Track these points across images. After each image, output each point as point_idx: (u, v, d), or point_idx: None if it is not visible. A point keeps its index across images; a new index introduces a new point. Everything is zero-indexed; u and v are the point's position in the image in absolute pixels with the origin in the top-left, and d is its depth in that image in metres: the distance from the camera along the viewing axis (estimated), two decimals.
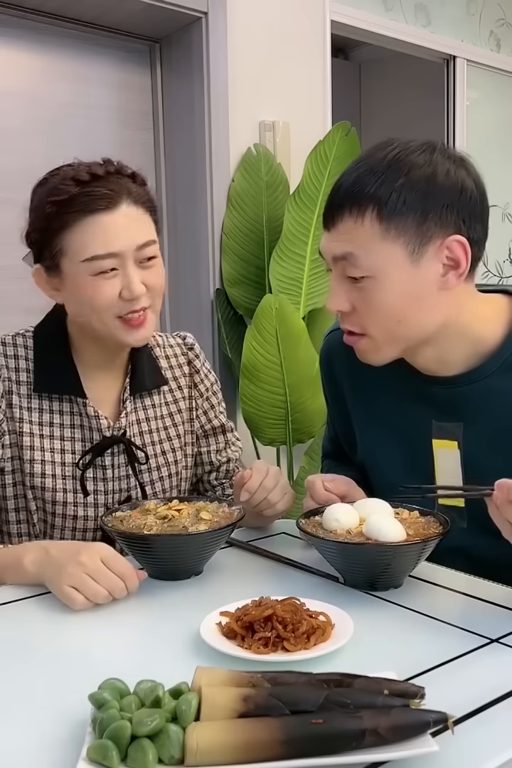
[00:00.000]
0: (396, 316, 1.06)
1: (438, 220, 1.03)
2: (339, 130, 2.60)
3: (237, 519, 1.11)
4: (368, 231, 1.03)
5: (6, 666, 0.86)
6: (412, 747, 0.63)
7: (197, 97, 2.59)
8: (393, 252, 1.03)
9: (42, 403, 1.26)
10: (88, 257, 1.16)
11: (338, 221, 1.05)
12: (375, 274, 1.04)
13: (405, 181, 1.02)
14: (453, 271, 1.05)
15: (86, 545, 1.05)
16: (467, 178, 1.06)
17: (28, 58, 2.47)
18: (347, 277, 1.06)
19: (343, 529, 1.02)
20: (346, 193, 1.05)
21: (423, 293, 1.05)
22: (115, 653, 0.89)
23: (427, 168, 1.03)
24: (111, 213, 1.16)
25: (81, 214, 1.15)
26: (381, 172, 1.03)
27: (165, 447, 1.35)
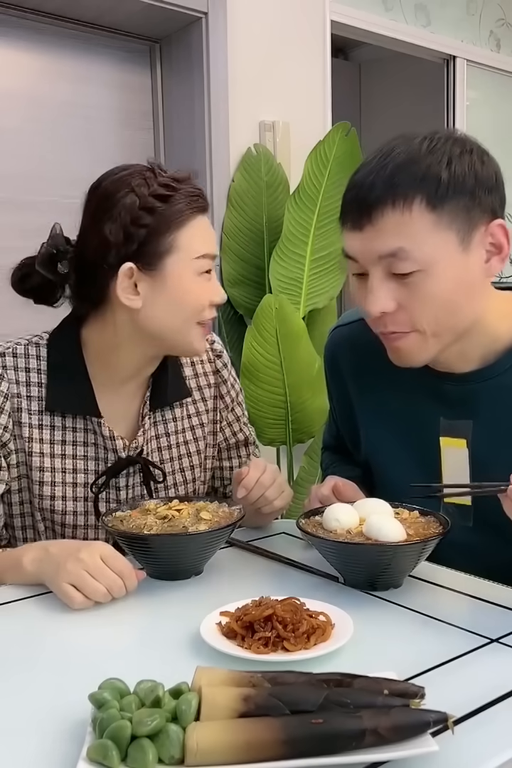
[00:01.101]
0: (448, 307, 1.03)
1: (481, 205, 1.02)
2: (339, 130, 2.60)
3: (237, 519, 1.11)
4: (418, 221, 0.99)
5: (6, 666, 0.86)
6: (412, 747, 0.63)
7: (197, 97, 2.59)
8: (446, 240, 1.00)
9: (54, 419, 1.21)
10: (199, 255, 1.17)
11: (378, 217, 1.00)
12: (426, 266, 1.00)
13: (449, 168, 1.00)
14: (496, 256, 1.04)
15: (86, 543, 1.04)
16: (497, 168, 1.06)
17: (28, 58, 2.47)
18: (393, 274, 1.02)
19: (343, 529, 1.02)
20: (386, 185, 1.00)
21: (473, 280, 1.04)
22: (115, 653, 0.89)
23: (466, 156, 1.02)
24: (206, 215, 1.20)
25: (192, 211, 1.17)
26: (420, 163, 1.00)
27: (183, 464, 1.31)
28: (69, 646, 0.91)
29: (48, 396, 1.20)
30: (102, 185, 1.18)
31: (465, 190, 1.00)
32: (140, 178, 1.16)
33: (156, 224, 1.14)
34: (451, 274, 1.02)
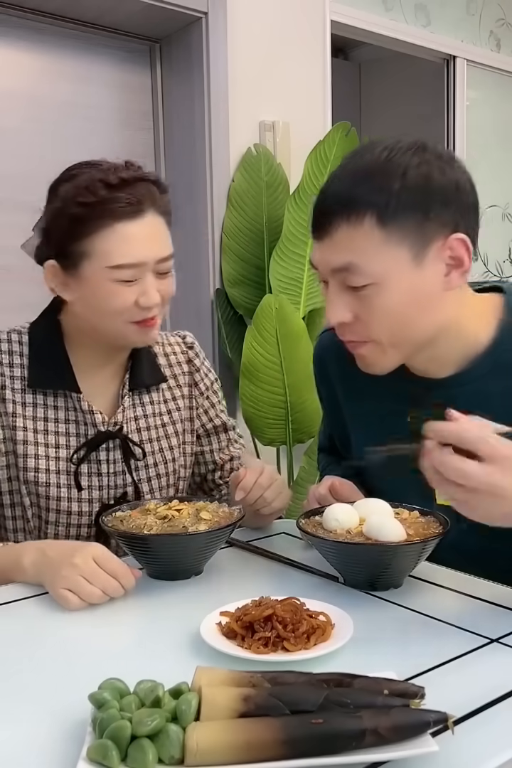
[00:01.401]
0: (402, 320, 1.03)
1: (438, 220, 1.00)
2: (339, 130, 2.60)
3: (237, 519, 1.11)
4: (369, 237, 0.99)
5: (6, 666, 0.86)
6: (412, 747, 0.63)
7: (197, 97, 2.59)
8: (396, 256, 1.00)
9: (36, 398, 1.26)
10: (114, 265, 1.16)
11: (333, 230, 1.01)
12: (378, 280, 1.01)
13: (402, 183, 0.98)
14: (456, 270, 1.03)
15: (80, 546, 1.05)
16: (460, 175, 1.03)
17: (28, 58, 2.47)
18: (348, 287, 1.03)
19: (343, 529, 1.02)
20: (340, 199, 1.01)
21: (427, 295, 1.03)
22: (114, 653, 0.89)
23: (423, 167, 0.99)
24: (136, 222, 1.16)
25: (107, 220, 1.15)
26: (376, 175, 0.99)
27: (162, 444, 1.35)
28: (69, 646, 0.91)
29: (30, 375, 1.25)
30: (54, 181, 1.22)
31: (416, 206, 0.99)
32: (80, 180, 1.17)
33: (72, 228, 1.16)
34: (404, 288, 1.01)
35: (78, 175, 1.18)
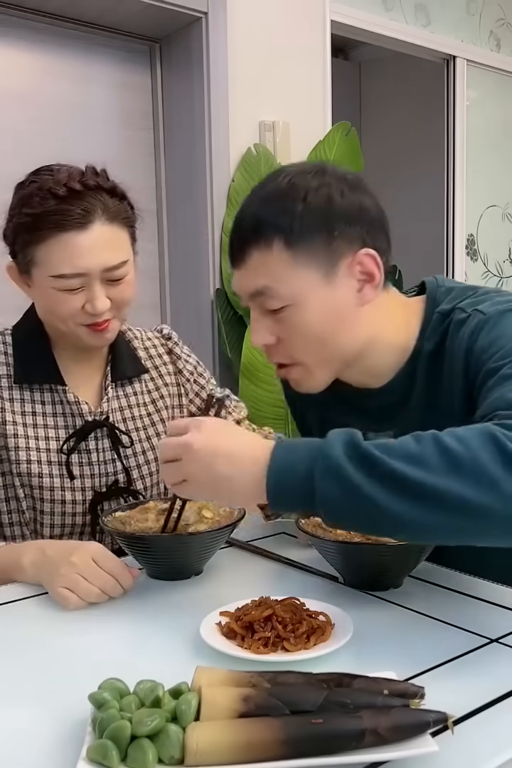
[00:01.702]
0: (321, 338, 1.05)
1: (343, 238, 1.02)
2: (339, 130, 2.60)
3: (237, 519, 1.11)
4: (278, 261, 1.02)
5: (6, 666, 0.86)
6: (412, 747, 0.63)
7: (197, 97, 2.59)
8: (306, 276, 1.02)
9: (23, 393, 1.27)
10: (56, 274, 1.16)
11: (246, 257, 1.04)
12: (293, 301, 1.03)
13: (304, 205, 1.01)
14: (368, 285, 1.05)
15: (79, 545, 1.05)
16: (363, 196, 1.05)
17: (29, 58, 2.47)
18: (267, 310, 1.05)
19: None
20: (248, 228, 1.04)
21: (343, 311, 1.05)
22: (114, 653, 0.89)
23: (323, 190, 1.02)
24: (83, 232, 1.15)
25: (52, 231, 1.15)
26: (278, 201, 1.02)
27: (149, 432, 1.36)
28: (69, 646, 0.91)
29: (16, 372, 1.27)
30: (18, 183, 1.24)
31: (320, 227, 1.01)
32: (31, 188, 1.18)
33: (21, 237, 1.18)
34: (319, 306, 1.03)
35: (33, 182, 1.19)
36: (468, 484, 0.74)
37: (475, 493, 0.74)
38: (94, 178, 1.19)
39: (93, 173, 1.21)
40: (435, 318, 1.08)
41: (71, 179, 1.16)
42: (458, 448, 0.76)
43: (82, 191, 1.16)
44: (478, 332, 1.00)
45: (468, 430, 0.79)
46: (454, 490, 0.74)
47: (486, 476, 0.75)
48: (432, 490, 0.75)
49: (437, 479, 0.75)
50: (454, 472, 0.75)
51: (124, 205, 1.23)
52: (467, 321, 1.03)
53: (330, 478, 0.78)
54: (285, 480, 0.82)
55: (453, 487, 0.75)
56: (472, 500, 0.74)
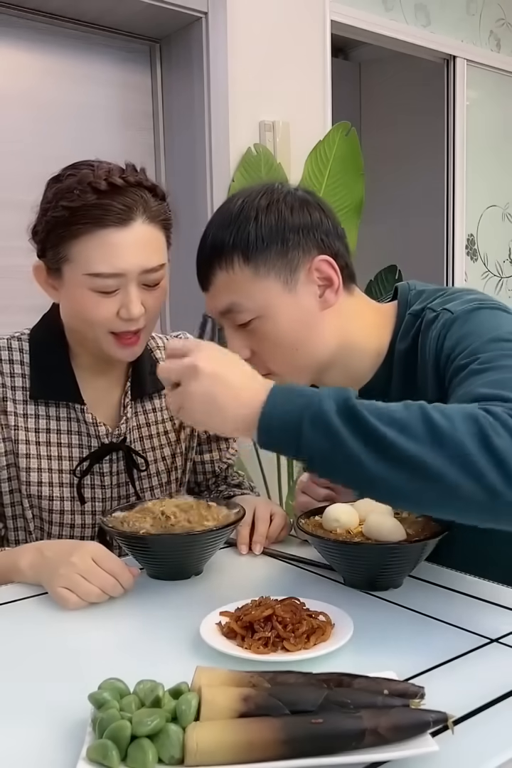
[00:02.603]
0: (292, 345, 1.09)
1: (298, 248, 1.08)
2: (339, 130, 2.60)
3: (237, 519, 1.11)
4: (240, 276, 1.08)
5: (6, 666, 0.86)
6: (412, 747, 0.63)
7: (197, 97, 2.59)
8: (268, 287, 1.07)
9: (38, 409, 1.23)
10: (92, 272, 1.11)
11: (212, 278, 1.10)
12: (260, 312, 1.08)
13: (256, 223, 1.07)
14: (328, 289, 1.10)
15: (78, 545, 1.05)
16: (313, 210, 1.10)
17: (29, 58, 2.47)
18: (237, 325, 1.10)
19: (343, 529, 1.02)
20: (210, 250, 1.10)
21: (309, 317, 1.09)
22: (115, 653, 0.89)
23: (272, 207, 1.08)
24: (123, 230, 1.11)
25: (91, 226, 1.09)
26: (233, 222, 1.08)
27: (165, 452, 1.33)
28: (69, 646, 0.91)
29: (31, 385, 1.23)
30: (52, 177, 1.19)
31: (274, 239, 1.07)
32: (69, 181, 1.12)
33: (56, 232, 1.12)
34: (285, 315, 1.08)
35: (72, 175, 1.13)
36: (446, 459, 0.77)
37: (451, 469, 0.77)
38: (134, 175, 1.15)
39: (133, 170, 1.16)
40: (407, 319, 1.12)
41: (112, 174, 1.12)
42: (442, 423, 0.79)
43: (123, 187, 1.11)
44: (446, 330, 1.03)
45: (454, 408, 0.82)
46: (431, 462, 0.77)
47: (464, 454, 0.77)
48: (411, 458, 0.78)
49: (417, 448, 0.78)
50: (435, 444, 0.78)
51: (164, 206, 1.19)
52: (436, 320, 1.06)
53: (318, 427, 0.81)
54: (276, 423, 0.84)
55: (431, 458, 0.77)
56: (447, 475, 0.77)
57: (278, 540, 1.23)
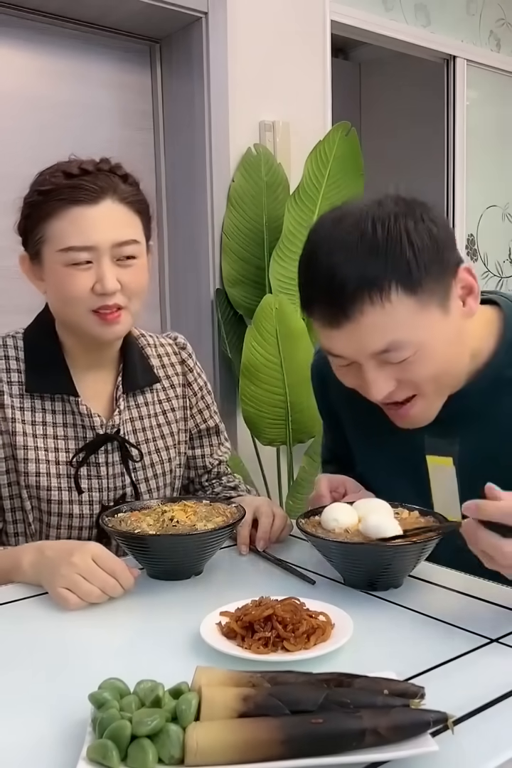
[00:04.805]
0: (448, 366, 1.04)
1: (448, 264, 1.02)
2: (339, 130, 2.60)
3: (237, 519, 1.11)
4: (401, 310, 0.98)
5: (6, 666, 0.86)
6: (412, 747, 0.63)
7: (197, 97, 2.59)
8: (431, 316, 1.00)
9: (34, 402, 1.26)
10: (64, 247, 1.16)
11: (357, 316, 0.97)
12: (420, 347, 1.00)
13: (412, 248, 0.97)
14: (469, 296, 1.05)
15: (78, 545, 1.05)
16: (441, 216, 1.05)
17: (29, 58, 2.47)
18: (390, 363, 1.01)
19: (341, 529, 1.02)
20: (355, 282, 0.96)
21: (459, 330, 1.05)
22: (115, 653, 0.89)
23: (420, 224, 0.99)
24: (93, 207, 1.17)
25: (63, 203, 1.16)
26: (383, 247, 0.97)
27: (158, 445, 1.35)
28: (69, 646, 0.91)
29: (27, 380, 1.25)
30: None
31: (433, 261, 0.99)
32: (45, 172, 1.21)
33: (32, 216, 1.19)
34: (442, 340, 1.02)
35: (47, 170, 1.22)
36: None
37: None
38: (107, 164, 1.22)
39: (107, 162, 1.23)
40: None
41: (85, 162, 1.20)
42: None
43: (94, 171, 1.19)
44: None
45: None
46: None
47: None
48: None
49: None
50: None
51: (137, 189, 1.24)
52: None
53: None
54: None
55: None
56: None
57: (279, 540, 1.23)
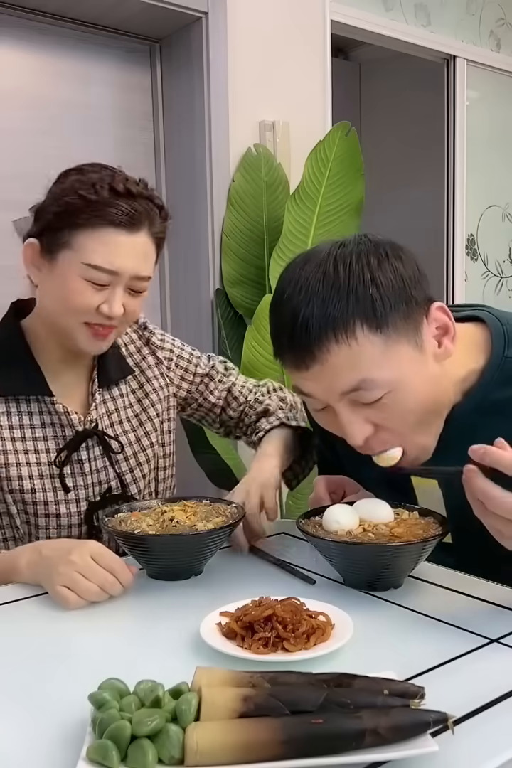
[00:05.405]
0: (424, 408, 1.02)
1: (415, 301, 1.00)
2: (339, 130, 2.60)
3: (237, 519, 1.11)
4: (368, 347, 0.96)
5: (6, 666, 0.86)
6: (412, 747, 0.63)
7: (197, 97, 2.59)
8: (402, 353, 0.98)
9: (9, 406, 1.25)
10: (91, 263, 1.16)
11: (325, 355, 0.97)
12: (393, 385, 0.98)
13: (375, 281, 0.97)
14: (445, 337, 1.03)
15: (77, 543, 1.05)
16: (410, 256, 1.02)
17: (29, 58, 2.47)
18: (361, 403, 1.00)
19: (343, 531, 1.02)
20: (321, 323, 0.96)
21: (434, 370, 1.03)
22: (114, 653, 0.89)
23: (384, 261, 0.98)
24: (128, 234, 1.17)
25: (101, 221, 1.16)
26: (346, 287, 0.96)
27: (138, 433, 1.36)
28: (69, 646, 0.91)
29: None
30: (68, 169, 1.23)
31: (399, 299, 0.97)
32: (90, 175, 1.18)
33: (64, 216, 1.17)
34: (417, 377, 1.00)
35: (95, 172, 1.20)
36: None
37: None
38: (147, 189, 1.22)
39: (145, 185, 1.23)
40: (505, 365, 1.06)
41: (130, 181, 1.19)
42: None
43: (137, 194, 1.19)
44: None
45: None
46: None
47: None
48: None
49: None
50: None
51: (165, 225, 1.26)
52: None
53: None
54: None
55: None
56: None
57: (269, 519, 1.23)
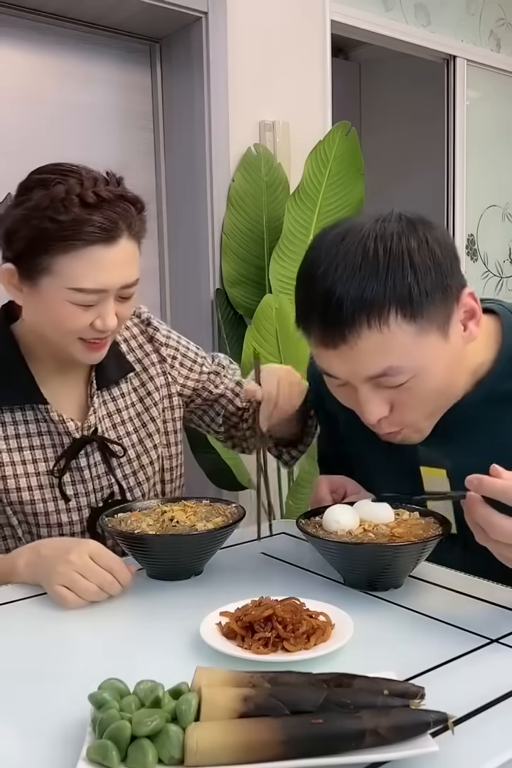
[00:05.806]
0: (441, 392, 1.03)
1: (451, 288, 0.98)
2: (339, 130, 2.60)
3: (237, 519, 1.11)
4: (400, 336, 0.95)
5: (5, 666, 0.86)
6: (412, 747, 0.63)
7: (197, 97, 2.59)
8: (431, 342, 0.98)
9: (3, 416, 1.21)
10: (75, 287, 1.10)
11: (355, 338, 0.95)
12: (418, 371, 0.98)
13: (413, 271, 0.94)
14: (471, 321, 1.03)
15: (75, 543, 1.04)
16: (446, 234, 1.01)
17: (29, 58, 2.47)
18: (383, 386, 0.99)
19: (344, 531, 1.02)
20: (355, 306, 0.93)
21: (458, 354, 1.03)
22: (114, 653, 0.89)
23: (424, 245, 0.96)
24: (108, 248, 1.11)
25: (79, 242, 1.08)
26: (386, 271, 0.93)
27: (141, 434, 1.32)
28: (69, 646, 0.91)
29: None
30: (29, 177, 1.15)
31: (435, 288, 0.96)
32: (57, 190, 1.09)
33: (37, 242, 1.09)
34: (441, 364, 1.00)
35: (59, 183, 1.10)
36: None
37: None
38: (117, 186, 1.14)
39: (115, 180, 1.15)
40: None
41: (98, 185, 1.11)
42: None
43: (109, 200, 1.10)
44: None
45: None
46: None
47: None
48: None
49: None
50: None
51: (143, 217, 1.19)
52: None
53: None
54: None
55: None
56: None
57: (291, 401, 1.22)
